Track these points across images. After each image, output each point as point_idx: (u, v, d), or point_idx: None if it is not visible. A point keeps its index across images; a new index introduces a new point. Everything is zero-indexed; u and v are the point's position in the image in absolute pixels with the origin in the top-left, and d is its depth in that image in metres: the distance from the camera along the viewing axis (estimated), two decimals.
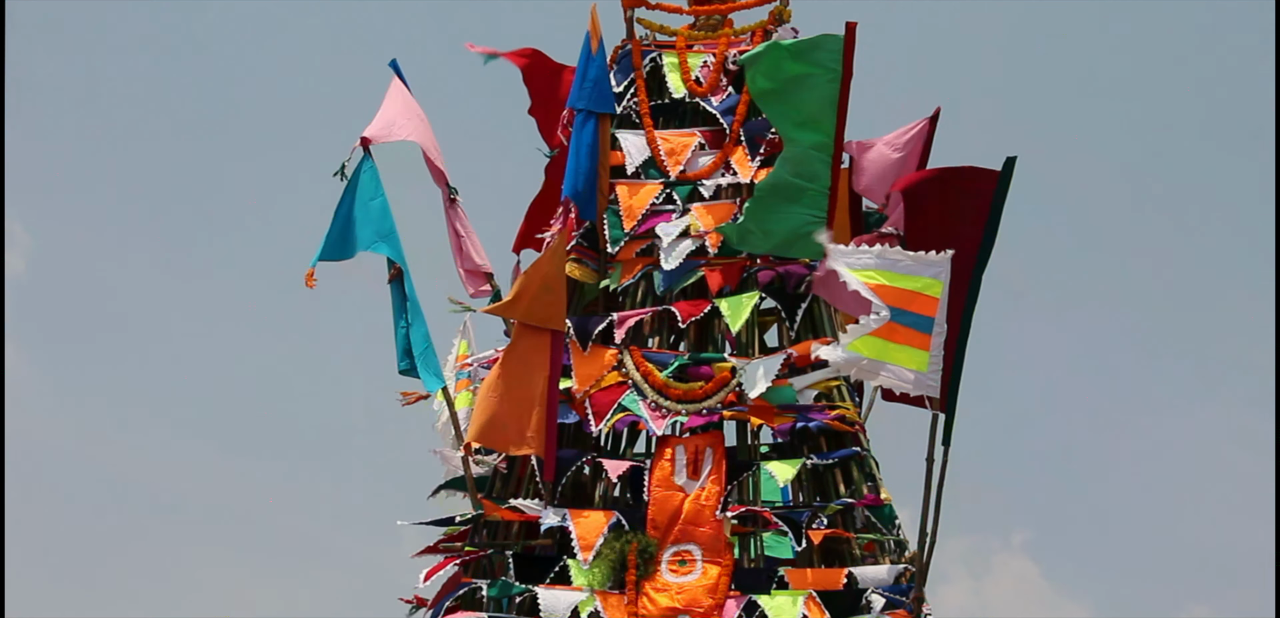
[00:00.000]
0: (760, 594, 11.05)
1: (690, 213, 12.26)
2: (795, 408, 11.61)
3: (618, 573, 11.15)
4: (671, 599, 11.05)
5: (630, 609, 11.03)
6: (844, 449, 11.53)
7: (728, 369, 11.77)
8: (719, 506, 11.35)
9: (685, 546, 11.29)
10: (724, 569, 11.15)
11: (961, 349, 10.73)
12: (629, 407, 11.71)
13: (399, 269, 11.50)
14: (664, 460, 11.50)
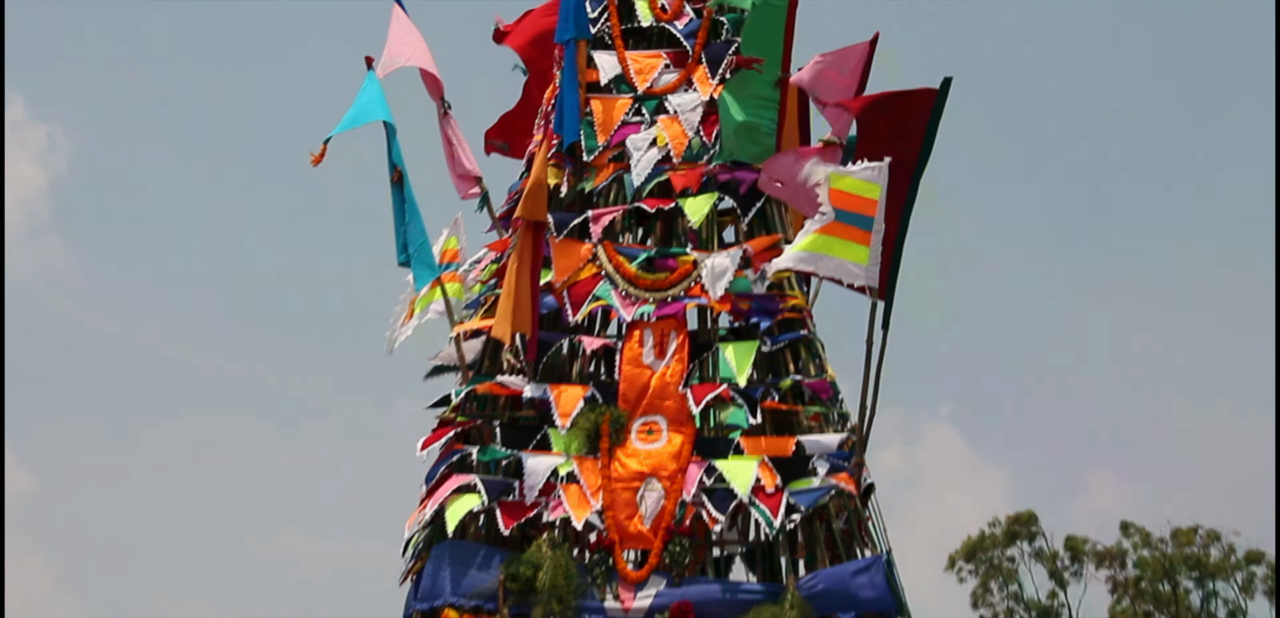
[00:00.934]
0: (719, 460, 12.13)
1: (656, 124, 13.55)
2: (750, 296, 12.81)
3: (592, 441, 12.24)
4: (640, 464, 12.10)
5: (604, 473, 12.08)
6: (793, 333, 12.72)
7: (690, 262, 12.96)
8: (682, 382, 12.51)
9: (652, 417, 12.38)
10: (687, 438, 12.23)
11: (900, 246, 11.83)
12: (602, 296, 12.87)
13: (400, 173, 12.67)
14: (633, 342, 12.65)
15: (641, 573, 11.72)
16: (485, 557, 11.83)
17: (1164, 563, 29.76)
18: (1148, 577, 29.88)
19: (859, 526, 12.11)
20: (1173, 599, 29.69)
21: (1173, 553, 29.63)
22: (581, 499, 11.99)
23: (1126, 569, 30.17)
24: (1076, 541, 30.63)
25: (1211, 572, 29.61)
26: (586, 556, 11.88)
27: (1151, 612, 29.91)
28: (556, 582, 11.52)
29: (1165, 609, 29.77)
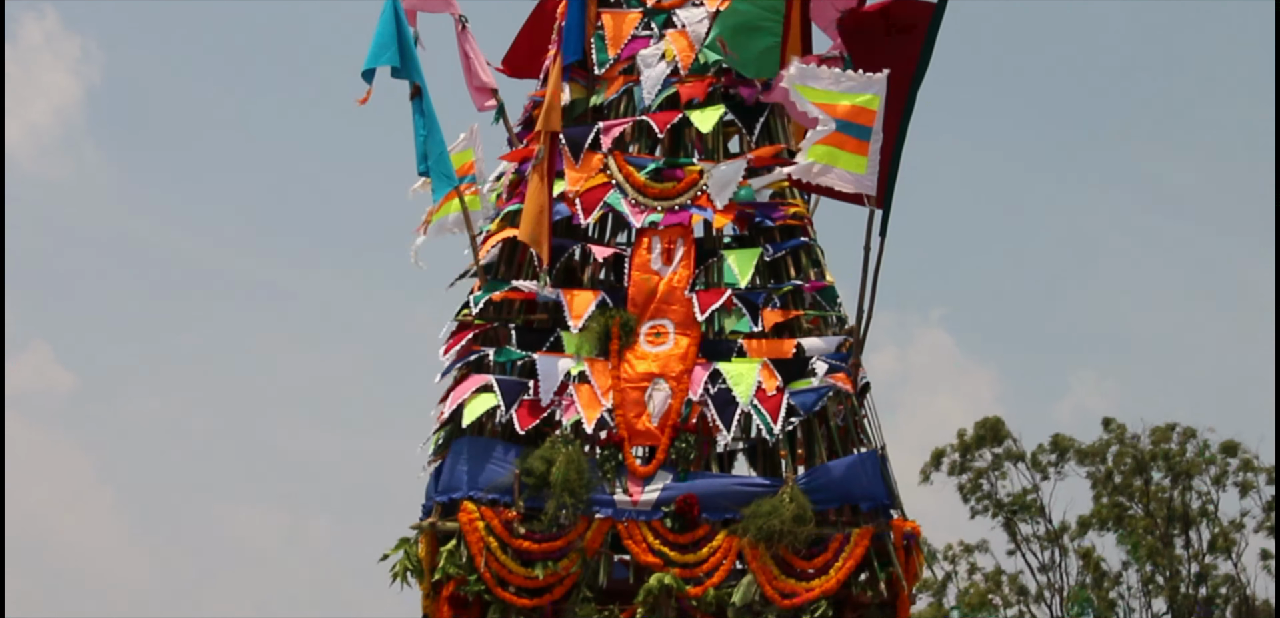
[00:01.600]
0: (723, 362, 12.70)
1: (665, 38, 14.01)
2: (753, 205, 13.35)
3: (603, 343, 12.80)
4: (648, 366, 12.66)
5: (613, 374, 12.64)
6: (794, 240, 13.24)
7: (697, 172, 13.49)
8: (688, 287, 13.07)
9: (660, 321, 12.94)
10: (693, 341, 12.81)
11: (897, 155, 12.27)
12: (613, 203, 13.42)
13: (418, 88, 13.16)
14: (642, 249, 13.19)
15: (649, 468, 12.34)
16: (501, 452, 12.40)
17: (1138, 459, 30.50)
18: (1124, 472, 30.63)
19: (855, 423, 12.66)
20: (1145, 494, 30.47)
21: (1148, 450, 30.35)
22: (592, 399, 12.54)
23: (1107, 464, 30.91)
24: (1063, 440, 31.35)
25: (1187, 469, 30.35)
26: (597, 452, 12.43)
27: (1127, 506, 30.70)
28: (569, 476, 12.09)
29: (1140, 504, 30.57)
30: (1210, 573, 30.27)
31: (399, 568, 12.41)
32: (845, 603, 12.08)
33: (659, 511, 12.17)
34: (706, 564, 12.02)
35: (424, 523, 12.34)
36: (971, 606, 30.89)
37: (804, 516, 12.01)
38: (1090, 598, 30.64)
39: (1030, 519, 31.35)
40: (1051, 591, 31.16)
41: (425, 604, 12.58)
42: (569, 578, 12.02)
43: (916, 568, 12.47)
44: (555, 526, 12.08)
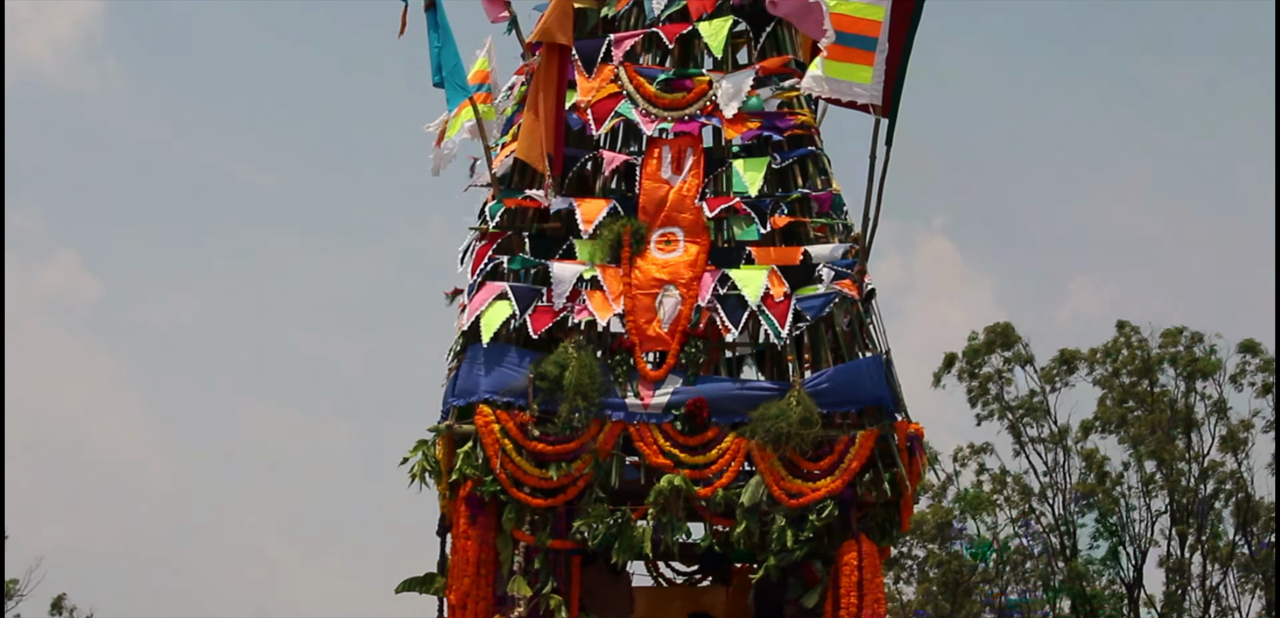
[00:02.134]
0: (732, 269, 12.96)
1: None
2: (761, 114, 13.57)
3: (614, 250, 13.05)
4: (659, 272, 12.90)
5: (624, 280, 12.89)
6: (802, 149, 13.47)
7: (706, 82, 13.69)
8: (698, 195, 13.31)
9: (670, 228, 13.19)
10: (702, 248, 13.07)
11: (903, 66, 12.39)
12: (624, 113, 13.63)
13: (433, 0, 13.35)
14: (652, 158, 13.42)
15: (660, 372, 12.64)
16: (516, 357, 12.68)
17: (1146, 361, 30.77)
18: (1133, 373, 30.91)
19: (861, 328, 12.93)
20: (1151, 397, 30.79)
21: (1158, 353, 30.62)
22: (604, 304, 12.81)
23: (1117, 365, 31.20)
24: (1070, 352, 31.61)
25: (1200, 370, 30.63)
26: (609, 356, 12.75)
27: (1133, 408, 31.02)
28: (581, 380, 12.38)
29: (1148, 407, 30.89)
30: (1213, 471, 30.63)
31: (418, 469, 12.77)
32: (850, 503, 12.40)
33: (669, 414, 12.46)
34: (715, 466, 12.34)
35: (441, 426, 12.66)
36: (973, 504, 31.37)
37: (810, 418, 12.31)
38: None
39: (1036, 422, 31.72)
40: (1054, 490, 31.62)
41: (443, 504, 12.96)
42: (582, 479, 12.35)
43: (920, 469, 12.80)
44: (568, 428, 12.38)
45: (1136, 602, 31.29)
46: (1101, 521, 31.21)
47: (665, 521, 12.23)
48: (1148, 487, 31.16)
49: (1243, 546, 30.28)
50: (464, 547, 12.36)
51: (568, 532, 12.33)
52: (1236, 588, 30.74)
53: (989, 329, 32.01)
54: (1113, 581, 31.49)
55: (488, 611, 12.28)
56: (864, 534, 12.32)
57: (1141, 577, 31.32)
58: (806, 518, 12.16)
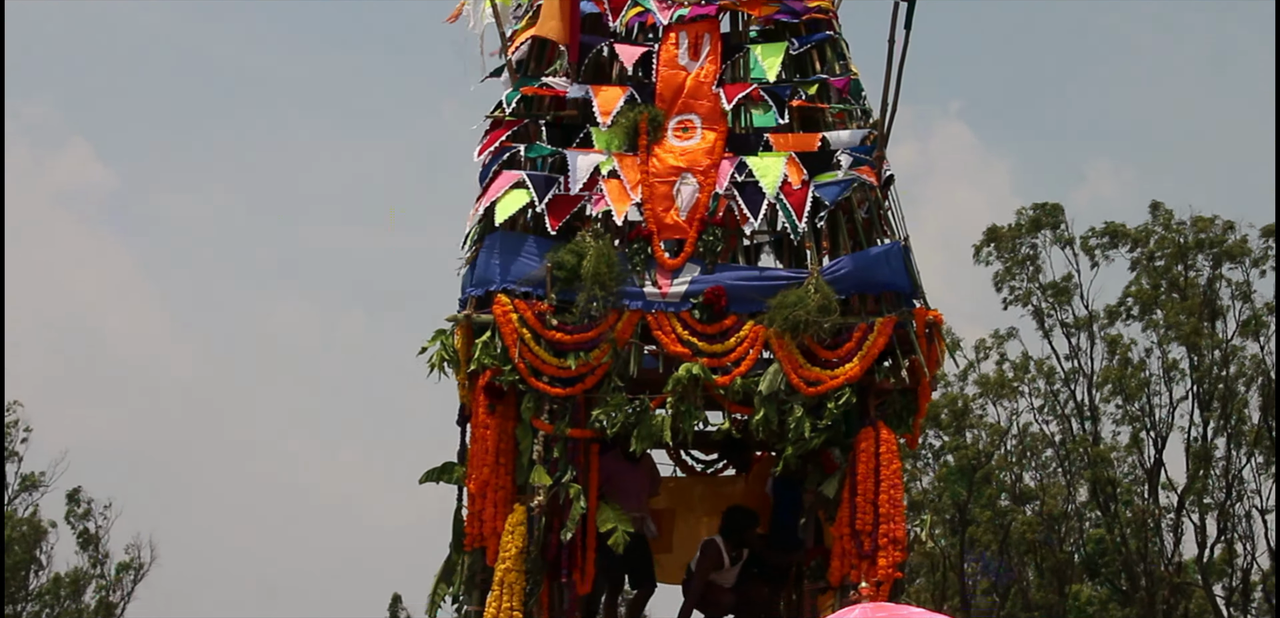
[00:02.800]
0: (749, 156, 12.90)
1: None
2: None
3: (632, 138, 12.99)
4: (676, 160, 12.86)
5: (641, 168, 12.86)
6: (820, 34, 13.36)
7: None
8: (715, 82, 13.21)
9: (687, 115, 13.12)
10: (720, 135, 13.00)
11: None
12: (641, 1, 13.50)
13: None
14: (669, 44, 13.33)
15: (677, 261, 12.61)
16: (533, 246, 12.66)
17: (1180, 246, 30.62)
18: (1166, 256, 30.78)
19: (879, 215, 12.89)
20: (1183, 279, 30.68)
21: (1190, 238, 30.45)
22: (622, 193, 12.76)
23: (1151, 249, 31.05)
24: (1116, 226, 31.40)
25: (1228, 254, 30.48)
26: (626, 245, 12.72)
27: (1161, 292, 30.92)
28: (599, 269, 12.36)
29: (1177, 290, 30.80)
30: (1237, 355, 30.59)
31: (436, 359, 12.81)
32: (868, 390, 12.42)
33: (687, 302, 12.45)
34: (733, 354, 12.34)
35: (459, 315, 12.67)
36: (995, 388, 31.39)
37: (828, 306, 12.29)
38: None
39: (1060, 308, 31.63)
40: (1078, 376, 31.61)
41: (462, 393, 13.01)
42: (600, 368, 12.36)
43: (938, 356, 12.79)
44: (586, 318, 12.38)
45: (1157, 486, 31.38)
46: (1124, 406, 31.23)
47: (683, 409, 12.25)
48: (1171, 373, 31.14)
49: (1267, 431, 30.27)
50: (483, 436, 12.42)
51: (586, 421, 12.37)
52: (1258, 472, 30.80)
53: (1036, 206, 31.76)
54: (1134, 466, 31.58)
55: (507, 499, 12.37)
56: (882, 422, 12.33)
57: (1162, 462, 31.39)
58: (824, 406, 12.17)
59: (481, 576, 12.52)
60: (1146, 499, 31.26)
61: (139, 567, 37.93)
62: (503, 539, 12.20)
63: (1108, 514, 31.64)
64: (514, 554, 12.13)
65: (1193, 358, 30.74)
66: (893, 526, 12.00)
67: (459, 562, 12.74)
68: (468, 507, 12.60)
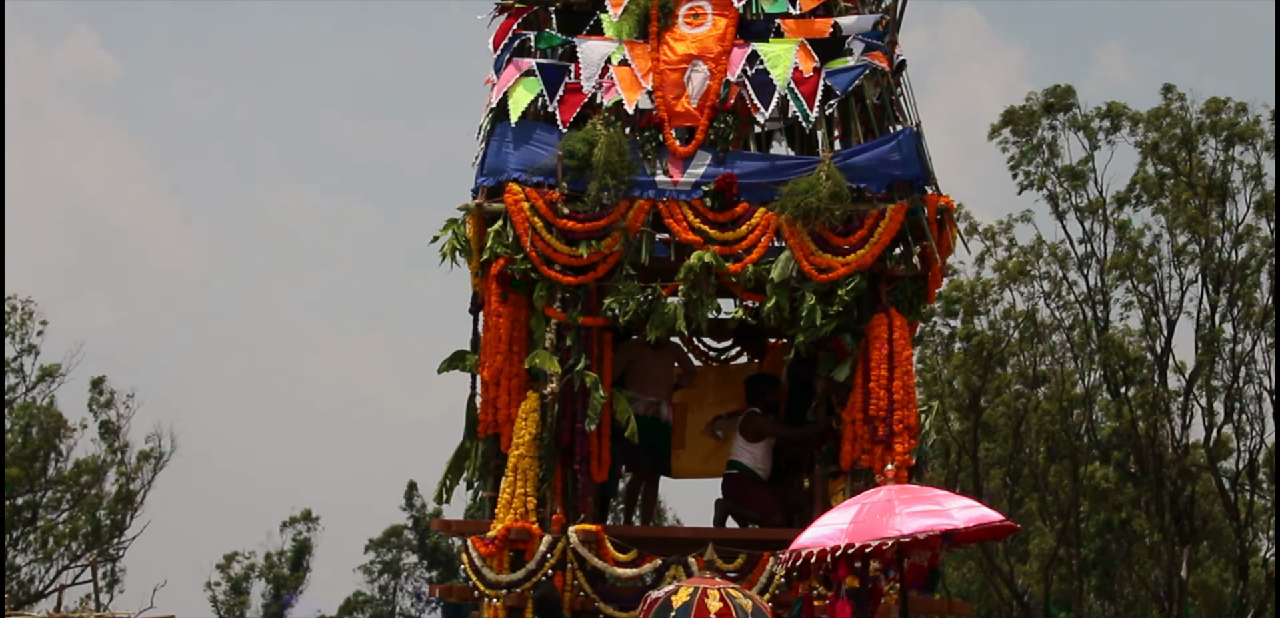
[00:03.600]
0: (760, 43, 12.85)
1: None
2: None
3: (642, 26, 12.95)
4: (687, 47, 12.80)
5: (653, 56, 12.80)
6: None
7: None
8: None
9: (698, 2, 13.00)
10: (730, 22, 12.91)
11: None
12: None
13: None
14: None
15: (689, 149, 12.60)
16: (544, 135, 12.67)
17: (1187, 130, 30.48)
18: (1175, 141, 30.65)
19: (890, 101, 12.87)
20: (1189, 162, 30.56)
21: (1200, 119, 30.30)
22: (633, 82, 12.72)
23: (1161, 132, 30.92)
24: (1116, 106, 31.31)
25: (1239, 135, 30.34)
26: (638, 133, 12.69)
27: (1171, 175, 30.81)
28: (610, 158, 12.36)
29: (1187, 177, 30.69)
30: (1248, 237, 30.54)
31: (448, 248, 12.86)
32: (879, 277, 12.47)
33: (698, 190, 12.47)
34: (745, 242, 12.37)
35: (471, 205, 12.71)
36: (1012, 274, 31.41)
37: (840, 193, 12.30)
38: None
39: (1075, 192, 31.55)
40: (1089, 260, 31.60)
41: (475, 283, 13.08)
42: (612, 256, 12.41)
43: (950, 242, 12.81)
44: (598, 206, 12.41)
45: (1166, 370, 31.49)
46: (1135, 290, 31.27)
47: (695, 297, 12.30)
48: (1180, 255, 31.13)
49: (1275, 310, 30.30)
50: (496, 325, 12.50)
51: (599, 309, 12.43)
52: (1266, 353, 30.88)
53: (1047, 90, 31.59)
54: (1142, 350, 31.66)
55: (520, 387, 12.47)
56: (894, 308, 12.38)
57: (1171, 345, 31.48)
58: (835, 293, 12.22)
59: (496, 462, 12.66)
60: (1156, 384, 31.37)
61: (159, 456, 38.30)
62: (516, 426, 12.33)
63: (1117, 399, 31.78)
64: (527, 441, 12.26)
65: (1201, 241, 30.70)
66: (907, 412, 12.09)
67: (472, 449, 12.88)
68: (481, 395, 12.71)
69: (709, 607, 8.79)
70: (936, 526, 9.62)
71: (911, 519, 9.57)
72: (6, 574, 35.44)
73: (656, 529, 15.05)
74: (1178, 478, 31.08)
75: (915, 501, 9.87)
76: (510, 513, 12.18)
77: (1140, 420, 31.22)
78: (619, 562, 12.13)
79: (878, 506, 9.81)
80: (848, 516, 9.91)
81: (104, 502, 37.81)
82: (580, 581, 12.08)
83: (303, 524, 49.64)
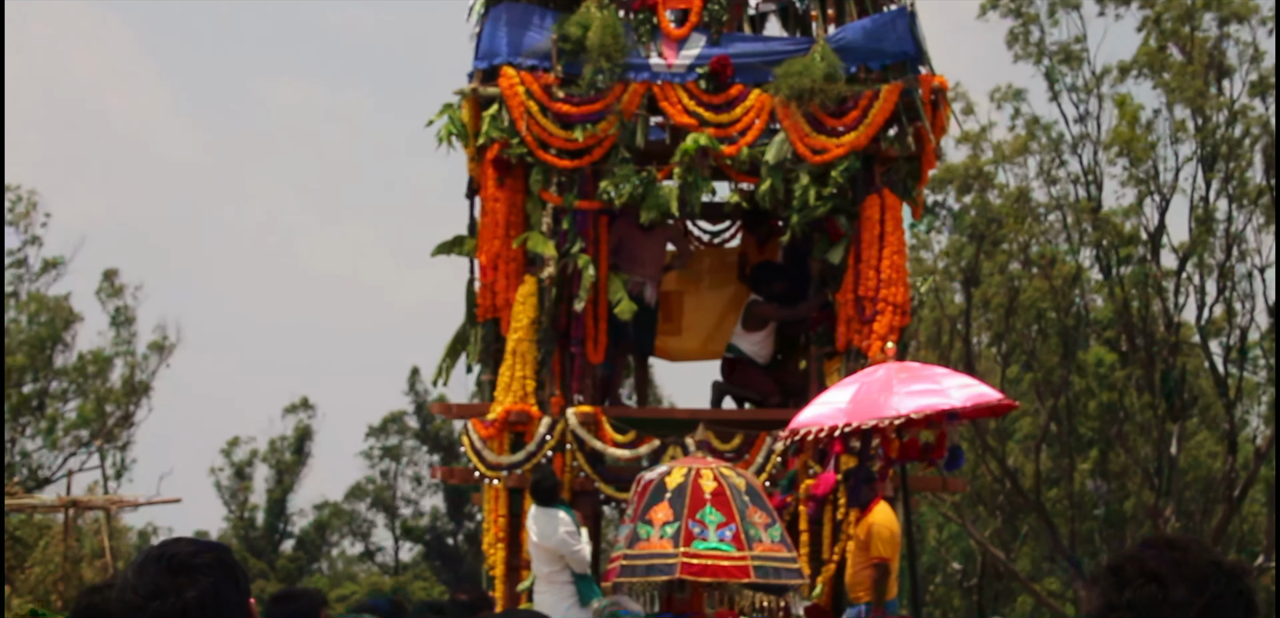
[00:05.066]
0: None
1: None
2: None
3: None
4: None
5: None
6: None
7: None
8: None
9: None
10: None
11: None
12: None
13: None
14: None
15: (682, 31, 12.59)
16: (539, 17, 12.67)
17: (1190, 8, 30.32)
18: (1174, 18, 30.51)
19: None
20: (1190, 40, 30.46)
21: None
22: None
23: (1158, 10, 30.76)
24: None
25: (1235, 13, 30.21)
26: (631, 15, 12.68)
27: (1170, 53, 30.70)
28: (604, 40, 12.36)
29: (1187, 54, 30.58)
30: (1243, 115, 30.50)
31: (444, 132, 12.89)
32: (874, 158, 12.52)
33: (693, 72, 12.49)
34: (740, 124, 12.42)
35: (466, 89, 12.72)
36: (1007, 156, 31.35)
37: (834, 73, 12.33)
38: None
39: (1072, 70, 31.42)
40: (1085, 140, 31.57)
41: (471, 167, 13.12)
42: (607, 140, 12.45)
43: (944, 122, 12.85)
44: (592, 89, 12.43)
45: (1159, 248, 31.59)
46: (1130, 168, 31.27)
47: (691, 180, 12.36)
48: (1177, 134, 31.11)
49: (1269, 188, 30.35)
50: (492, 209, 12.56)
51: (594, 192, 12.49)
52: (1258, 231, 30.97)
53: None
54: (1136, 228, 31.75)
55: (517, 271, 12.56)
56: (887, 189, 12.44)
57: (1165, 224, 31.55)
58: (829, 174, 12.28)
59: (495, 346, 12.77)
60: (1149, 262, 31.48)
61: (167, 347, 38.44)
62: (514, 310, 12.43)
63: (1109, 278, 31.92)
64: (526, 325, 12.37)
65: (1197, 119, 30.66)
66: (893, 290, 12.20)
67: (472, 334, 12.99)
68: (479, 279, 12.80)
69: (703, 486, 8.93)
70: (934, 405, 9.77)
71: (909, 399, 9.71)
72: (16, 461, 35.69)
73: (655, 411, 15.24)
74: (1169, 355, 31.29)
75: (914, 380, 10.01)
76: (510, 396, 12.32)
77: (1133, 299, 31.37)
78: (617, 443, 12.29)
79: (876, 384, 9.95)
80: (846, 394, 10.05)
81: (111, 394, 38.00)
82: (580, 461, 12.25)
83: (302, 412, 49.95)
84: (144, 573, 3.04)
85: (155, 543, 3.22)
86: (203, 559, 3.07)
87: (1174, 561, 2.83)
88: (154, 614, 2.98)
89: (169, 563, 3.04)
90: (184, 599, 3.00)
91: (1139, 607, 2.78)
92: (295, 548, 49.97)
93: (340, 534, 51.86)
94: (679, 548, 8.63)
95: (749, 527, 8.76)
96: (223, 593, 3.05)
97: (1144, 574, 2.81)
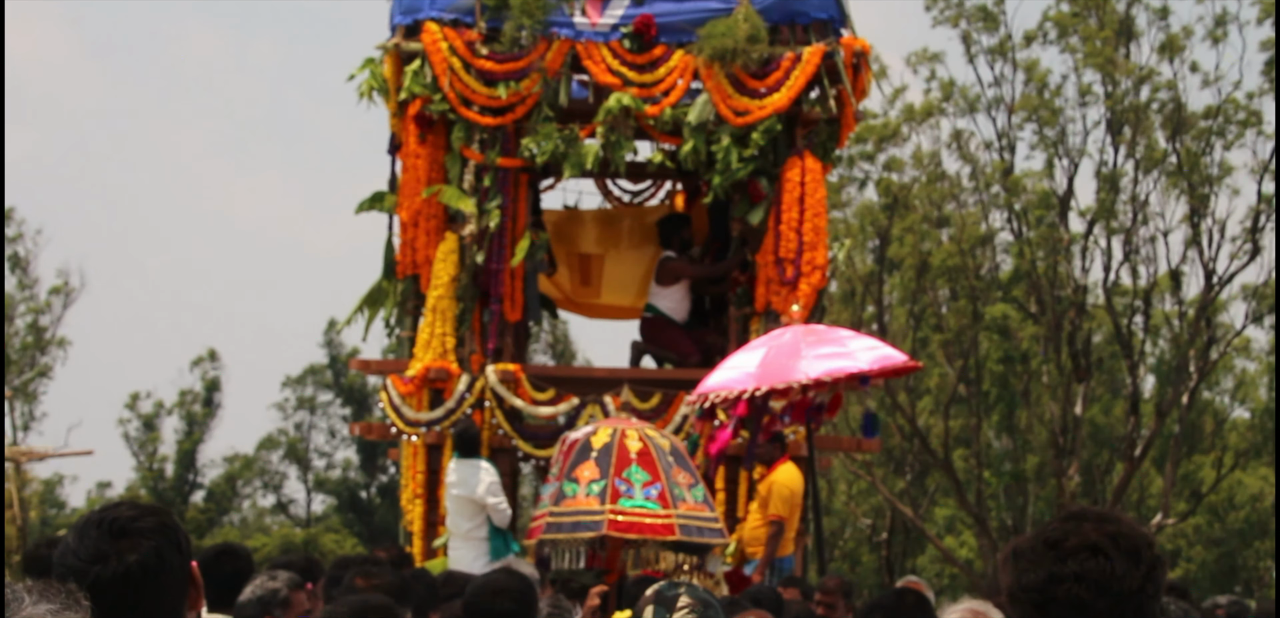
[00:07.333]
0: None
1: None
2: None
3: None
4: None
5: None
6: None
7: None
8: None
9: None
10: None
11: None
12: None
13: None
14: None
15: None
16: None
17: None
18: None
19: None
20: (1100, 5, 30.88)
21: None
22: None
23: None
24: None
25: None
26: None
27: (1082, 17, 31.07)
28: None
29: (1099, 18, 31.00)
30: (1150, 79, 30.94)
31: (366, 87, 12.80)
32: (795, 120, 12.61)
33: (617, 31, 12.49)
34: (663, 84, 12.44)
35: (388, 44, 12.63)
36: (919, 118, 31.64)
37: (757, 35, 12.39)
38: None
39: (989, 34, 31.70)
40: (997, 105, 31.89)
41: (393, 123, 13.05)
42: (530, 98, 12.43)
43: (865, 86, 12.96)
44: (516, 46, 12.40)
45: (1067, 212, 32.06)
46: (1039, 132, 31.67)
47: (614, 139, 12.38)
48: (1085, 97, 31.54)
49: (1171, 152, 30.88)
50: (414, 165, 12.51)
51: (516, 150, 12.47)
52: (1162, 194, 31.52)
53: None
54: (1046, 193, 32.19)
55: (438, 227, 12.52)
56: (808, 151, 12.54)
57: (1073, 188, 32.02)
58: (751, 136, 12.35)
59: (414, 302, 12.74)
60: (1057, 225, 31.95)
61: (69, 292, 37.77)
62: (435, 266, 12.40)
63: (1019, 239, 32.35)
64: (446, 282, 12.35)
65: (1107, 86, 31.10)
66: (815, 253, 12.32)
67: (391, 289, 12.94)
68: (400, 236, 12.75)
69: (629, 447, 8.99)
70: (841, 369, 9.90)
71: (817, 362, 9.84)
72: None
73: (573, 369, 15.30)
74: (1075, 317, 31.82)
75: (821, 343, 10.13)
76: (429, 353, 12.30)
77: (1040, 261, 31.84)
78: (536, 401, 12.32)
79: (784, 348, 10.05)
80: (755, 358, 10.15)
81: (17, 341, 37.31)
82: (499, 419, 12.27)
83: (208, 363, 49.41)
84: (85, 537, 3.04)
85: (97, 508, 3.21)
86: (144, 523, 3.07)
87: (1110, 534, 2.93)
88: (96, 579, 2.98)
89: (110, 527, 3.05)
90: (126, 563, 3.01)
91: (1086, 579, 2.87)
92: (206, 500, 49.49)
93: (251, 487, 51.44)
94: (605, 505, 8.70)
95: (674, 486, 8.85)
96: (165, 557, 3.05)
97: (1087, 547, 2.90)
